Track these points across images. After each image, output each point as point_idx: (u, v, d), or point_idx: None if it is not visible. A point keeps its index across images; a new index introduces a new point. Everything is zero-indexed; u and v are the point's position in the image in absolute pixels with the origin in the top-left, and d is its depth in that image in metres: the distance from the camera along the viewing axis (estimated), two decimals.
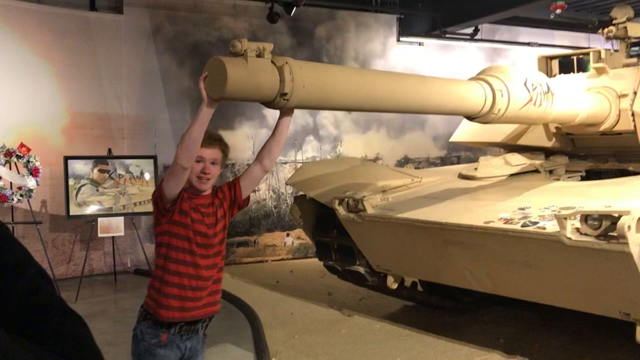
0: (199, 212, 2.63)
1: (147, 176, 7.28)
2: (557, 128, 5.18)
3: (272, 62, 2.59)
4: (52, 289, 0.87)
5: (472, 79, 3.74)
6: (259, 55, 2.52)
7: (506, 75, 3.67)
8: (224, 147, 2.70)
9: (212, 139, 2.64)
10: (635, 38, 5.46)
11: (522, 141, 5.51)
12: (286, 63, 2.61)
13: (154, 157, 7.41)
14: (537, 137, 5.41)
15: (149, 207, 7.21)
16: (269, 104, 2.67)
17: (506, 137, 5.58)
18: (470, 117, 3.73)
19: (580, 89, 4.86)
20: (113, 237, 7.34)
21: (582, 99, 4.56)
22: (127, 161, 7.30)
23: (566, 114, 4.38)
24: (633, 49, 5.57)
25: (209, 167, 2.63)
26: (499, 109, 3.62)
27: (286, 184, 6.18)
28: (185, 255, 2.59)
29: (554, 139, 5.32)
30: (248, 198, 2.83)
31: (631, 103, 4.74)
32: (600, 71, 5.02)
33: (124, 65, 7.91)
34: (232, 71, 2.39)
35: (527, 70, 4.00)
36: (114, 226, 7.08)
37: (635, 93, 4.77)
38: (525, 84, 3.75)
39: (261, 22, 8.48)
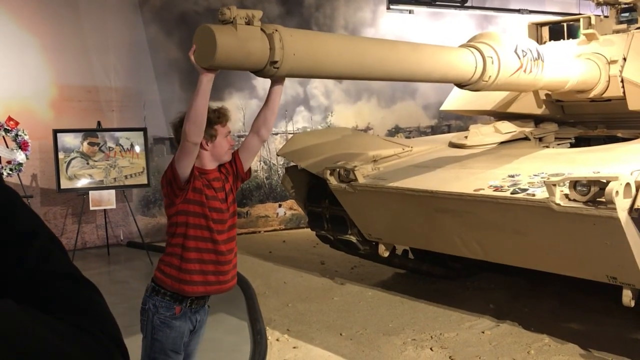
0: (212, 188, 2.67)
1: (137, 149, 7.25)
2: (547, 95, 5.18)
3: (262, 29, 2.56)
4: (64, 256, 0.84)
5: (462, 46, 3.72)
6: (248, 22, 2.49)
7: (496, 42, 3.66)
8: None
9: (226, 114, 2.72)
10: (626, 4, 5.44)
11: (512, 109, 5.52)
12: (276, 30, 2.58)
13: (143, 130, 7.36)
14: (527, 105, 5.41)
15: (141, 180, 7.28)
16: (259, 73, 2.66)
17: (496, 105, 5.59)
18: (461, 85, 3.72)
19: (570, 55, 4.85)
20: (105, 210, 7.34)
21: (572, 66, 4.56)
22: (117, 134, 7.25)
23: (556, 81, 4.38)
24: (623, 14, 5.55)
25: (232, 140, 2.75)
26: (490, 76, 3.61)
27: (277, 154, 6.18)
28: (203, 231, 2.63)
29: (543, 106, 5.33)
30: (250, 170, 2.88)
31: (620, 69, 4.75)
32: (590, 37, 5.00)
33: (111, 36, 7.80)
34: (221, 39, 2.36)
35: (518, 36, 3.98)
36: (106, 199, 7.07)
37: (624, 59, 4.77)
38: (515, 51, 3.74)
39: None
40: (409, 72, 3.41)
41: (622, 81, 4.74)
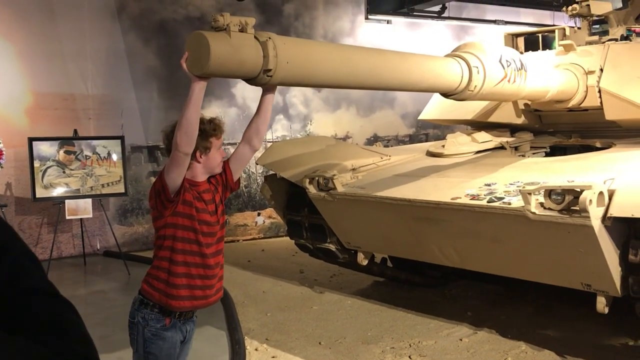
0: (202, 201, 2.61)
1: (114, 157, 7.18)
2: (525, 105, 5.25)
3: (255, 37, 2.52)
4: (39, 272, 0.79)
5: (448, 55, 3.75)
6: (242, 30, 2.45)
7: (482, 52, 3.69)
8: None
9: (221, 126, 2.66)
10: (598, 16, 5.55)
11: (491, 118, 5.58)
12: (269, 38, 2.54)
13: (121, 138, 7.30)
14: (505, 114, 5.47)
15: (118, 188, 7.21)
16: (252, 81, 2.61)
17: (475, 114, 5.64)
18: (447, 94, 3.73)
19: (549, 65, 4.93)
20: (81, 219, 7.24)
21: (552, 76, 4.61)
22: (94, 142, 7.18)
23: (538, 91, 4.42)
24: (594, 26, 5.67)
25: (223, 151, 2.70)
26: (475, 86, 3.64)
27: (256, 163, 6.17)
28: (192, 245, 2.58)
29: (522, 116, 5.39)
30: (239, 180, 2.83)
31: (598, 80, 4.83)
32: (568, 48, 5.08)
33: (88, 44, 7.73)
34: (215, 46, 2.32)
35: (502, 47, 4.02)
36: (82, 208, 6.99)
37: (601, 70, 4.85)
38: (500, 61, 3.77)
39: None
40: (398, 82, 3.42)
41: (599, 91, 4.82)
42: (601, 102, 4.82)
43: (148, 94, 8.12)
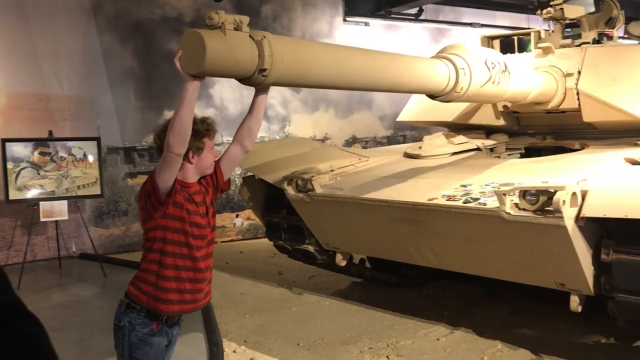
0: (193, 202, 2.55)
1: (90, 158, 7.10)
2: (504, 107, 5.30)
3: (250, 36, 2.48)
4: (5, 286, 0.76)
5: (434, 57, 3.77)
6: (237, 28, 2.40)
7: (467, 54, 3.71)
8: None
9: (214, 126, 2.59)
10: (571, 19, 5.65)
11: (471, 120, 5.61)
12: (264, 37, 2.50)
13: (97, 139, 7.22)
14: (484, 116, 5.50)
15: (94, 190, 7.13)
16: (246, 80, 2.56)
17: (453, 116, 5.67)
18: (434, 96, 3.74)
19: (529, 67, 4.98)
20: (56, 221, 7.14)
21: (533, 78, 4.66)
22: (69, 143, 7.09)
23: (520, 92, 4.46)
24: (567, 30, 5.76)
25: (216, 152, 2.63)
26: (462, 87, 3.65)
27: None
28: (182, 248, 2.52)
29: (501, 118, 5.44)
30: (229, 180, 2.77)
31: (576, 82, 4.90)
32: (546, 51, 5.15)
33: (63, 43, 7.64)
34: (211, 44, 2.27)
35: (486, 49, 4.05)
36: (57, 210, 6.90)
37: (579, 72, 4.93)
38: (485, 63, 3.80)
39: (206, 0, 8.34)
40: (389, 83, 3.42)
41: (577, 93, 4.89)
42: (579, 104, 4.89)
43: (125, 94, 8.05)
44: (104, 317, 2.69)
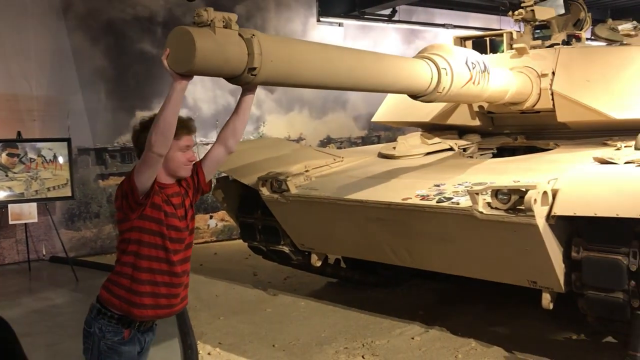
0: (171, 205, 2.47)
1: (60, 160, 6.98)
2: (479, 107, 5.36)
3: (240, 34, 2.43)
4: None
5: (417, 57, 3.77)
6: (226, 26, 2.34)
7: (449, 54, 3.73)
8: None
9: (187, 126, 2.48)
10: (541, 21, 5.74)
11: (444, 121, 5.66)
12: (253, 35, 2.46)
13: (67, 140, 7.11)
14: (459, 117, 5.54)
15: (64, 192, 7.01)
16: (235, 80, 2.51)
17: (428, 117, 5.71)
18: (416, 96, 3.74)
19: (505, 68, 5.03)
20: (26, 224, 7.01)
21: (510, 78, 4.70)
22: (39, 144, 6.96)
23: (498, 93, 4.50)
24: (536, 31, 5.86)
25: (192, 154, 2.52)
26: (444, 87, 3.67)
27: None
28: (158, 251, 2.44)
29: (476, 118, 5.49)
30: (210, 182, 2.70)
31: (550, 83, 4.98)
32: (521, 51, 5.21)
33: (32, 43, 7.49)
34: (200, 42, 2.22)
35: (467, 49, 4.07)
36: (27, 212, 6.77)
37: (553, 73, 5.01)
38: (466, 63, 3.83)
39: None
40: (374, 82, 3.41)
41: (552, 94, 4.96)
42: (554, 105, 4.96)
43: (96, 95, 7.93)
44: (75, 322, 2.63)
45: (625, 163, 3.77)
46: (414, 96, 3.77)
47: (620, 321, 3.66)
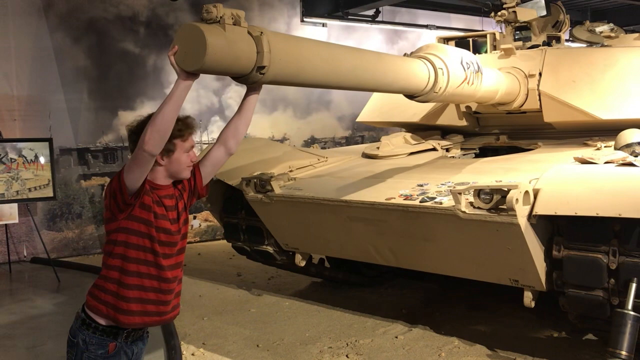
0: (162, 206, 2.34)
1: (42, 160, 6.91)
2: (467, 107, 5.39)
3: (248, 31, 2.37)
4: None
5: (413, 56, 3.78)
6: (235, 23, 2.27)
7: (445, 54, 3.75)
8: None
9: (191, 127, 2.37)
10: (522, 22, 5.80)
11: (430, 121, 5.67)
12: (262, 33, 2.40)
13: (49, 140, 7.03)
14: (445, 117, 5.57)
15: (46, 192, 6.94)
16: (242, 78, 2.43)
17: (412, 117, 5.73)
18: (412, 96, 3.74)
19: (494, 68, 5.06)
20: (6, 224, 6.93)
21: (500, 78, 4.73)
22: (20, 144, 6.88)
23: (490, 93, 4.52)
24: (517, 32, 5.92)
25: (195, 154, 2.42)
26: (440, 87, 3.67)
27: None
28: (146, 254, 2.32)
29: (463, 119, 5.52)
30: (208, 186, 2.59)
31: (537, 83, 5.02)
32: (508, 52, 5.25)
33: (12, 41, 7.41)
34: (211, 39, 2.14)
35: (461, 49, 4.09)
36: (7, 213, 6.70)
37: (540, 74, 5.05)
38: (461, 63, 3.84)
39: None
40: (375, 82, 3.39)
41: (539, 94, 5.01)
42: (540, 105, 5.01)
43: (78, 94, 7.86)
44: (56, 324, 2.60)
45: (605, 163, 3.82)
46: (410, 96, 3.76)
47: (601, 318, 3.71)
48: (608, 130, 4.73)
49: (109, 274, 2.34)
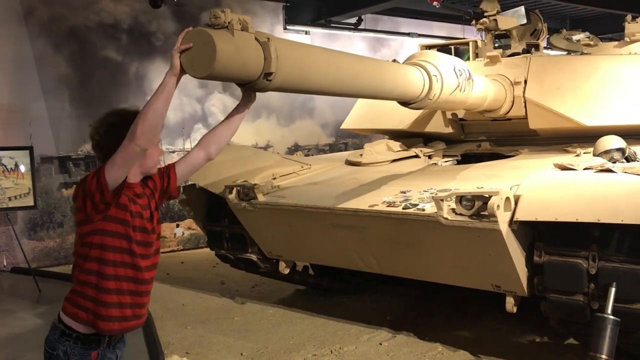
0: (137, 204, 2.28)
1: (22, 168, 6.83)
2: (452, 114, 5.43)
3: (256, 37, 2.34)
4: None
5: (408, 64, 3.81)
6: (243, 29, 2.25)
7: (438, 61, 3.78)
8: None
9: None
10: (503, 31, 5.87)
11: (416, 128, 5.70)
12: (269, 39, 2.37)
13: (29, 148, 6.96)
14: (431, 124, 5.61)
15: (26, 201, 6.86)
16: (248, 85, 2.39)
17: (396, 124, 5.76)
18: (407, 103, 3.77)
19: (481, 76, 5.10)
20: None
21: (488, 86, 4.77)
22: (0, 153, 6.80)
23: (479, 100, 4.57)
24: (496, 40, 6.00)
25: (160, 149, 2.40)
26: (434, 94, 3.71)
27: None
28: (123, 255, 2.25)
29: (449, 126, 5.55)
30: (179, 188, 2.54)
31: (523, 90, 5.08)
32: (494, 60, 5.31)
33: None
34: (221, 46, 2.11)
35: (453, 57, 4.13)
36: None
37: (525, 81, 5.11)
38: (454, 70, 3.88)
39: (144, 6, 8.18)
40: (375, 89, 3.41)
41: (524, 101, 5.06)
42: (526, 112, 5.06)
43: (59, 102, 7.79)
44: (37, 334, 2.56)
45: (584, 169, 3.88)
46: (405, 103, 3.79)
47: (581, 323, 3.75)
48: (590, 137, 4.80)
49: (86, 279, 2.26)
